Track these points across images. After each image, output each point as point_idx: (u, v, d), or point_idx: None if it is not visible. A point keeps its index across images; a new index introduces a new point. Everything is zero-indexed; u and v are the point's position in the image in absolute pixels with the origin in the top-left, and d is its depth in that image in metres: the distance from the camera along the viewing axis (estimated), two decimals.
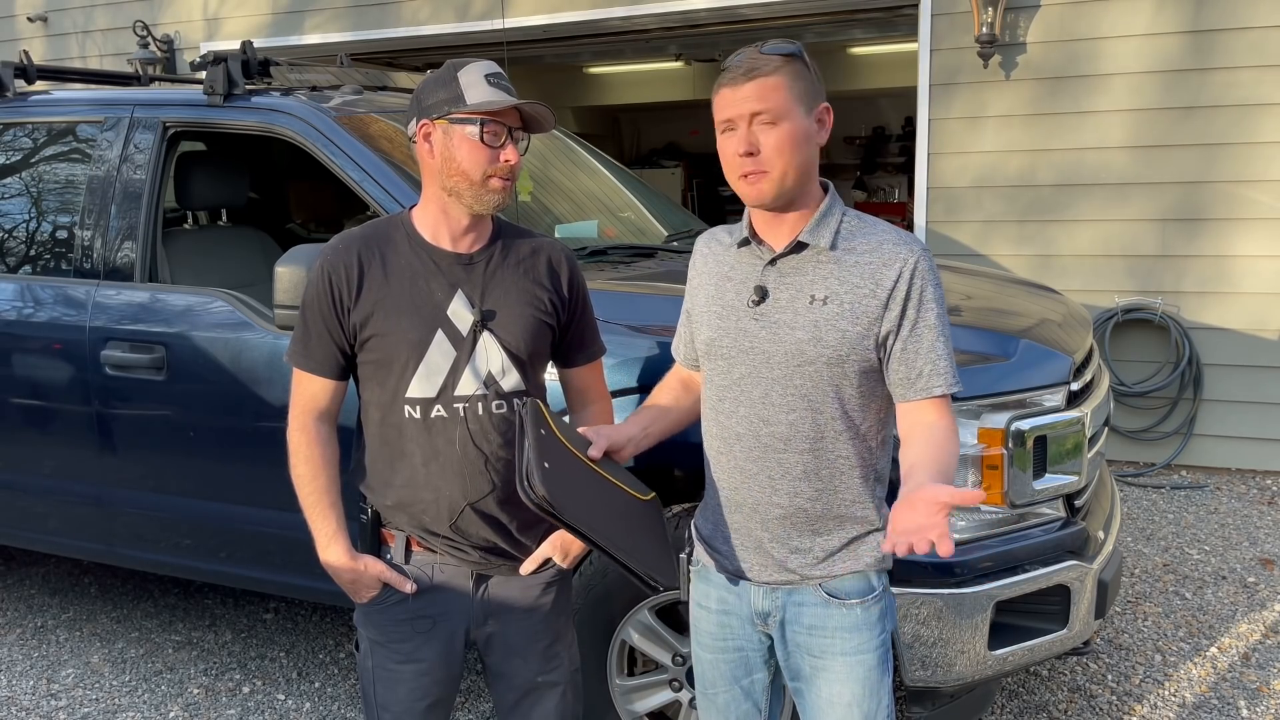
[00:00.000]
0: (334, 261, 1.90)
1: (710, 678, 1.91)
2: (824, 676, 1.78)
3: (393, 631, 1.98)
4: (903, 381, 1.70)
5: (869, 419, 1.75)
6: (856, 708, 1.77)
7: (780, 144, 1.63)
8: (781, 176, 1.65)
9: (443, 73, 1.86)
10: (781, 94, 1.62)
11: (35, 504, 3.47)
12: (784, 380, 1.71)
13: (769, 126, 1.63)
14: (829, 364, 1.68)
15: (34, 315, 3.34)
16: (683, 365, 1.97)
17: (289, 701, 3.41)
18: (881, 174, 11.78)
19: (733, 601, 1.85)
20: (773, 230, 1.74)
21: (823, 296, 1.69)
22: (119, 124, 3.36)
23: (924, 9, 5.72)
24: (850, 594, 1.77)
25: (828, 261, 1.70)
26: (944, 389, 1.68)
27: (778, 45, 1.65)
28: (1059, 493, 2.53)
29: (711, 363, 1.80)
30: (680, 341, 1.97)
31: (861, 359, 1.69)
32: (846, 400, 1.71)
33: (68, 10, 8.11)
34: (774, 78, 1.62)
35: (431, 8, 6.92)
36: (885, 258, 1.68)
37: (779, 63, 1.63)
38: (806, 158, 1.67)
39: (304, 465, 1.95)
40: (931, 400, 1.69)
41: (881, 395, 1.75)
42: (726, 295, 1.78)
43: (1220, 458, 5.52)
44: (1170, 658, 3.52)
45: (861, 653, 1.76)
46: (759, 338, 1.72)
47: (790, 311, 1.70)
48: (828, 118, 1.71)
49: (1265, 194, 5.21)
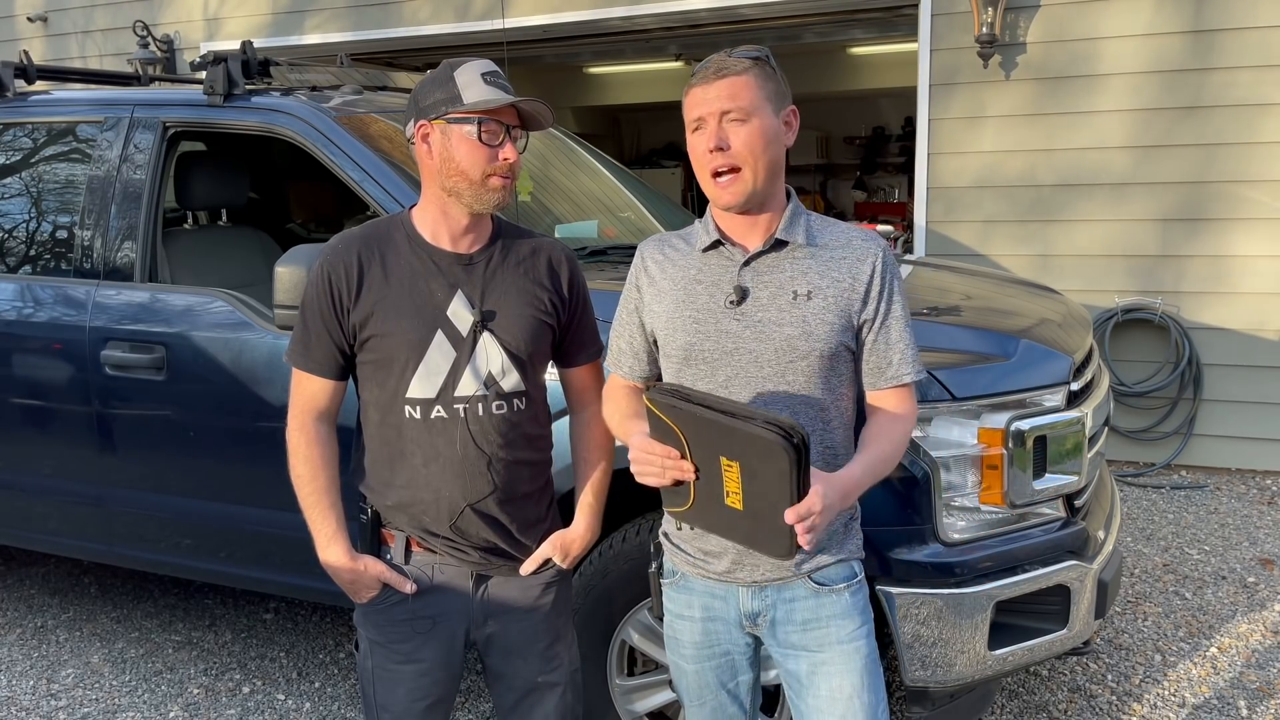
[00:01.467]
0: (334, 262, 1.90)
1: (696, 687, 1.90)
2: (824, 670, 1.78)
3: (392, 632, 1.98)
4: (874, 370, 1.78)
5: (850, 406, 1.81)
6: (858, 699, 1.77)
7: (750, 140, 1.66)
8: (752, 177, 1.68)
9: (439, 73, 1.86)
10: (751, 92, 1.67)
11: (35, 504, 3.47)
12: (775, 378, 1.72)
13: (739, 124, 1.67)
14: (821, 357, 1.72)
15: (34, 315, 3.34)
16: (626, 378, 1.92)
17: (289, 701, 3.41)
18: (881, 174, 11.77)
19: (718, 606, 1.84)
20: (744, 231, 1.76)
21: (805, 291, 1.72)
22: (119, 124, 3.36)
23: (924, 9, 5.72)
24: (836, 580, 1.80)
25: (805, 257, 1.75)
26: (911, 377, 1.77)
27: (745, 50, 1.71)
28: (1059, 493, 2.53)
29: (691, 368, 1.78)
30: (624, 354, 1.91)
31: (846, 349, 1.75)
32: (834, 389, 1.76)
33: (68, 10, 8.11)
34: (743, 77, 1.67)
35: (431, 8, 6.92)
36: (858, 253, 1.75)
37: (747, 64, 1.68)
38: (775, 156, 1.71)
39: (303, 465, 1.95)
40: (899, 388, 1.78)
41: (854, 380, 1.81)
42: (699, 299, 1.77)
43: (1220, 458, 5.52)
44: (1170, 658, 3.52)
45: (856, 639, 1.79)
46: (743, 338, 1.73)
47: (774, 309, 1.72)
48: (794, 120, 1.75)
49: (1265, 194, 5.21)
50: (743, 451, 1.57)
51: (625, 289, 1.90)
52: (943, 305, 2.93)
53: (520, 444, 1.96)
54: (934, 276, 3.42)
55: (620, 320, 1.91)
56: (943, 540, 2.41)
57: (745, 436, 1.54)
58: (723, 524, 1.69)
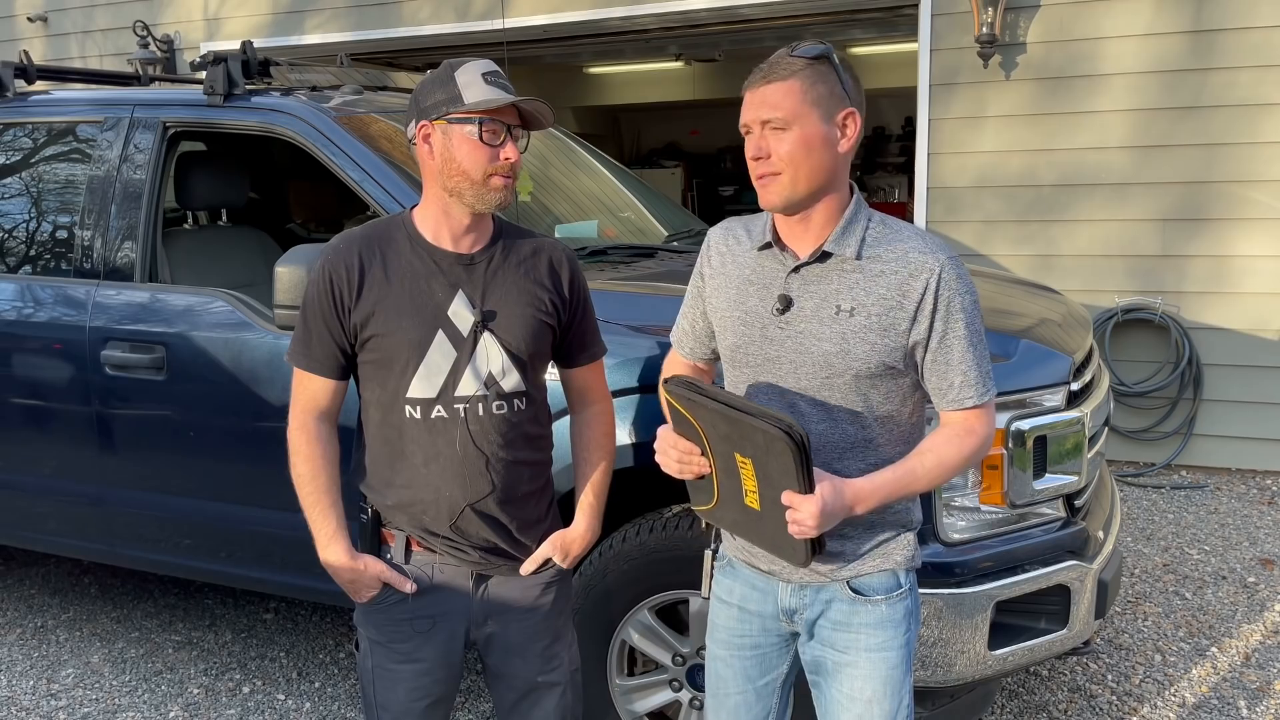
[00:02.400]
0: (335, 261, 1.90)
1: (723, 676, 1.88)
2: (847, 672, 1.77)
3: (392, 631, 1.98)
4: (936, 391, 1.70)
5: (900, 425, 1.74)
6: (877, 705, 1.75)
7: (790, 151, 1.61)
8: (791, 182, 1.63)
9: (440, 73, 1.86)
10: (794, 99, 1.61)
11: (35, 504, 3.47)
12: (812, 391, 1.69)
13: (779, 132, 1.62)
14: (857, 377, 1.66)
15: (34, 315, 3.34)
16: (687, 359, 1.93)
17: (289, 701, 3.41)
18: (881, 174, 11.76)
19: (755, 598, 1.83)
20: (796, 236, 1.71)
21: (849, 308, 1.65)
22: (119, 124, 3.36)
23: (924, 9, 5.72)
24: (876, 590, 1.76)
25: (852, 271, 1.67)
26: (975, 400, 1.68)
27: (807, 48, 1.64)
28: (1059, 493, 2.52)
29: (735, 370, 1.78)
30: (687, 336, 1.91)
31: (890, 369, 1.67)
32: (876, 409, 1.70)
33: (68, 10, 8.11)
34: (788, 82, 1.61)
35: (431, 8, 6.92)
36: (912, 268, 1.64)
37: (799, 66, 1.62)
38: (819, 164, 1.63)
39: (304, 465, 1.95)
40: (964, 411, 1.69)
41: (914, 399, 1.74)
42: (750, 301, 1.75)
43: (1220, 458, 5.52)
44: (1170, 658, 3.52)
45: (885, 650, 1.75)
46: (785, 347, 1.70)
47: (816, 322, 1.68)
48: (853, 124, 1.66)
49: (1265, 194, 5.21)
50: (753, 448, 1.57)
51: (694, 271, 1.89)
52: None
53: (520, 444, 1.96)
54: None
55: (686, 301, 1.90)
56: (943, 540, 2.42)
57: (752, 431, 1.54)
58: (745, 525, 1.69)
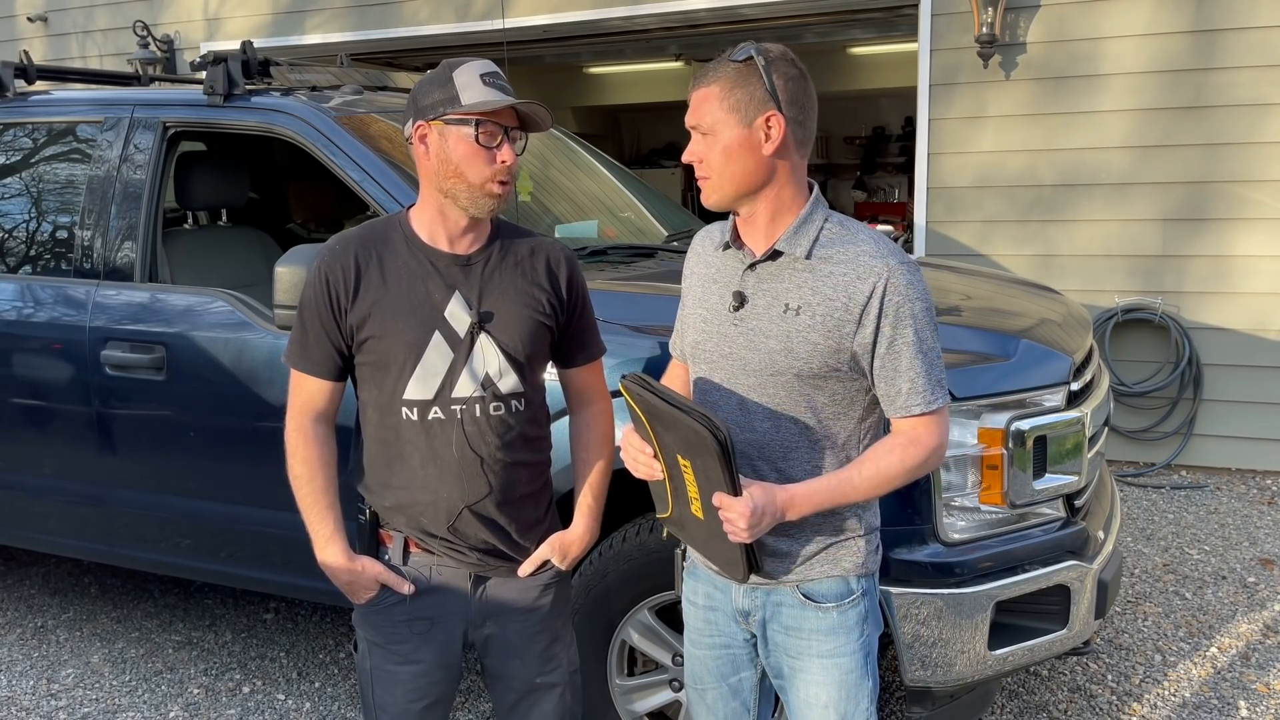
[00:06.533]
0: (331, 263, 1.89)
1: (699, 673, 1.92)
2: (801, 677, 1.78)
3: (391, 633, 1.98)
4: (884, 398, 1.69)
5: (846, 428, 1.73)
6: (833, 709, 1.76)
7: (712, 156, 1.66)
8: (719, 185, 1.67)
9: (438, 73, 1.86)
10: (711, 106, 1.64)
11: (35, 504, 3.47)
12: (758, 389, 1.71)
13: (705, 137, 1.66)
14: (799, 376, 1.67)
15: (34, 315, 3.34)
16: (680, 361, 1.97)
17: (289, 701, 3.41)
18: (881, 174, 11.77)
19: (719, 598, 1.86)
20: (750, 235, 1.74)
21: (795, 306, 1.66)
22: (119, 124, 3.36)
23: (924, 9, 5.72)
24: (826, 597, 1.76)
25: (803, 270, 1.67)
26: (923, 407, 1.66)
27: (740, 49, 1.65)
28: (1059, 493, 2.53)
29: (695, 365, 1.81)
30: (678, 338, 1.96)
31: (834, 372, 1.67)
32: (820, 410, 1.70)
33: (68, 10, 8.11)
34: (708, 89, 1.65)
35: (431, 8, 6.92)
36: (860, 270, 1.63)
37: (723, 72, 1.64)
38: (742, 169, 1.64)
39: (301, 466, 1.95)
40: (911, 419, 1.67)
41: (861, 404, 1.73)
42: (711, 299, 1.78)
43: (1220, 458, 5.51)
44: (1170, 658, 3.52)
45: (838, 655, 1.76)
46: (737, 344, 1.72)
47: (765, 319, 1.69)
48: (777, 126, 1.62)
49: (1266, 194, 5.21)
50: (689, 448, 1.58)
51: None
52: (943, 305, 2.92)
53: (518, 446, 1.96)
54: (934, 276, 3.42)
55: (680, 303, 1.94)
56: (943, 540, 2.41)
57: (686, 429, 1.56)
58: (696, 537, 1.70)
